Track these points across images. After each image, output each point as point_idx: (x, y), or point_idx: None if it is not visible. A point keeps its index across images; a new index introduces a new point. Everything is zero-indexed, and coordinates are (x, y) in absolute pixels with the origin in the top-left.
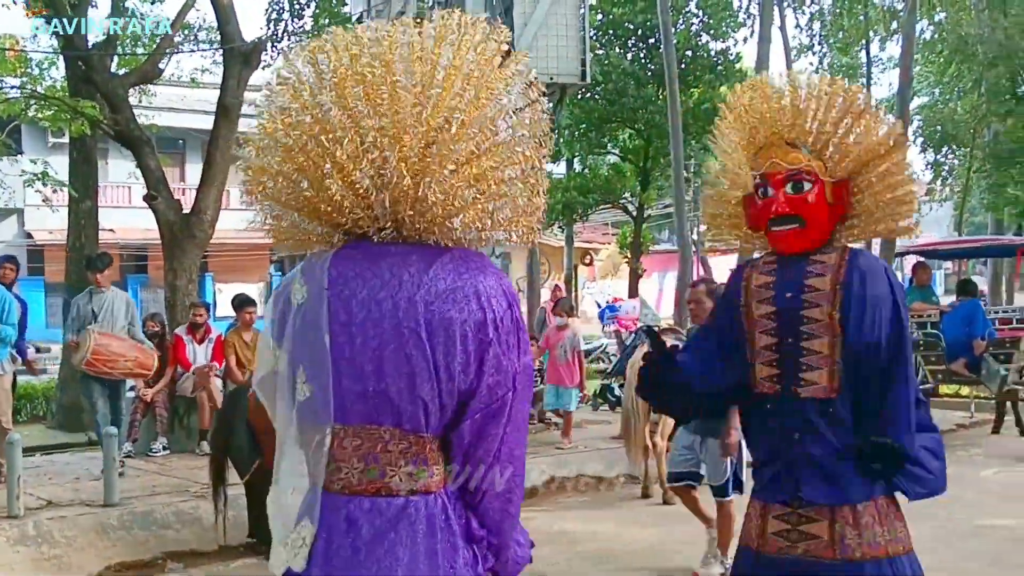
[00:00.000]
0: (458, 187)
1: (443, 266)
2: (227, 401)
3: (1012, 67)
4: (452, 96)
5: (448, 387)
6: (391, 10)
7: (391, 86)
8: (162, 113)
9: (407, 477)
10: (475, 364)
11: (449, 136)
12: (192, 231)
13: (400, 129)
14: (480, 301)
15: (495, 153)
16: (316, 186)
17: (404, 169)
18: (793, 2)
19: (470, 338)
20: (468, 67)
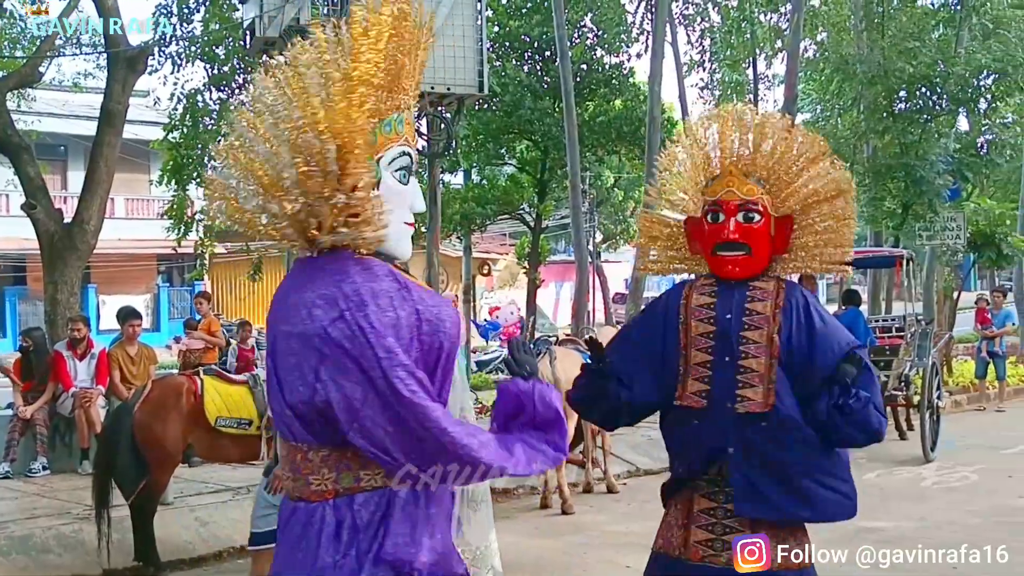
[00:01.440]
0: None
1: (307, 276)
2: (111, 419)
3: (889, 86)
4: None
5: (307, 397)
6: (285, 17)
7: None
8: (43, 118)
9: (292, 483)
10: (312, 377)
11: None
12: (74, 242)
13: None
14: (311, 311)
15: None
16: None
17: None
18: (684, 19)
19: (317, 352)
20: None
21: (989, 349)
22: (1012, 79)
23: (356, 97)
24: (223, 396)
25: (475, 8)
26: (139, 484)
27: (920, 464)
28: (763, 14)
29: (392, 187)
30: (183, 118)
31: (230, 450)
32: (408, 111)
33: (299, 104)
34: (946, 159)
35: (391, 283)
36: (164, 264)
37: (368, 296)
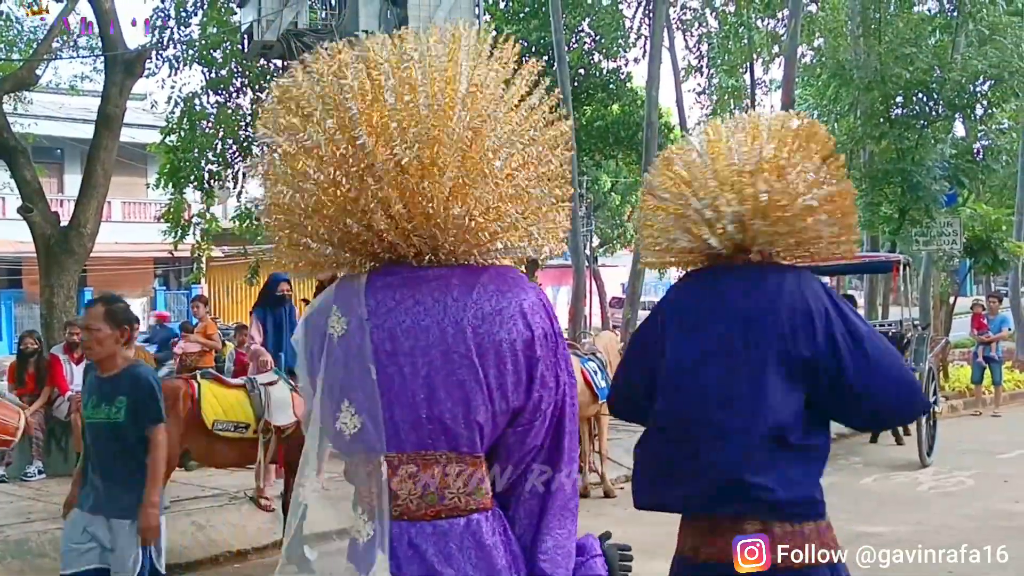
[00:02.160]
0: (500, 207)
1: (484, 287)
2: None
3: (885, 92)
4: (477, 115)
5: (502, 407)
6: (282, 21)
7: (415, 111)
8: (39, 121)
9: (466, 497)
10: (526, 382)
11: (485, 154)
12: (71, 246)
13: (435, 154)
14: (526, 319)
15: (527, 168)
16: (360, 221)
17: (441, 195)
18: (682, 25)
19: (520, 357)
20: (489, 83)
21: (985, 354)
22: (1008, 85)
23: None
24: (220, 400)
25: (473, 13)
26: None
27: (916, 469)
28: (760, 20)
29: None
30: (180, 121)
31: (227, 454)
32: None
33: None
34: (942, 165)
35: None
36: (161, 267)
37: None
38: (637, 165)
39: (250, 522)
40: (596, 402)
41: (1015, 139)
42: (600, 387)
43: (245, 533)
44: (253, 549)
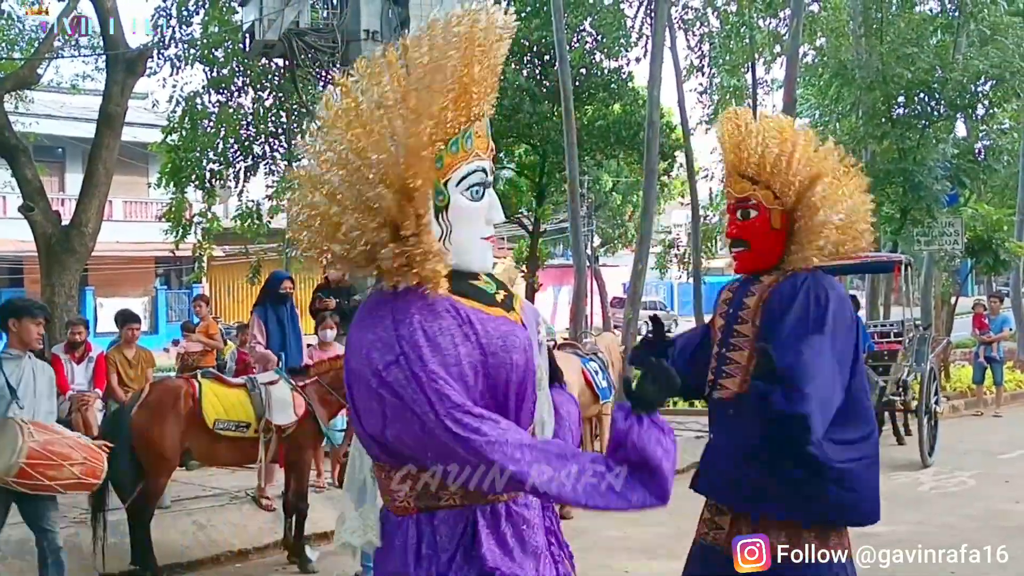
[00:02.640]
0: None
1: (369, 314)
2: (109, 422)
3: (887, 91)
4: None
5: (362, 431)
6: (284, 20)
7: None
8: (40, 120)
9: (391, 503)
10: (377, 410)
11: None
12: (72, 245)
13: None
14: (367, 352)
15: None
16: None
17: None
18: (683, 24)
19: (365, 388)
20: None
21: (987, 354)
22: (1009, 85)
23: (418, 135)
24: (221, 399)
25: None
26: (135, 488)
27: (918, 469)
28: (762, 19)
29: (464, 207)
30: (182, 121)
31: (228, 453)
32: (479, 121)
33: (359, 145)
34: (944, 165)
35: (451, 320)
36: (162, 267)
37: (423, 339)
38: (638, 165)
39: (251, 522)
40: (597, 402)
41: (1016, 139)
42: (601, 387)
43: (246, 532)
44: (254, 549)
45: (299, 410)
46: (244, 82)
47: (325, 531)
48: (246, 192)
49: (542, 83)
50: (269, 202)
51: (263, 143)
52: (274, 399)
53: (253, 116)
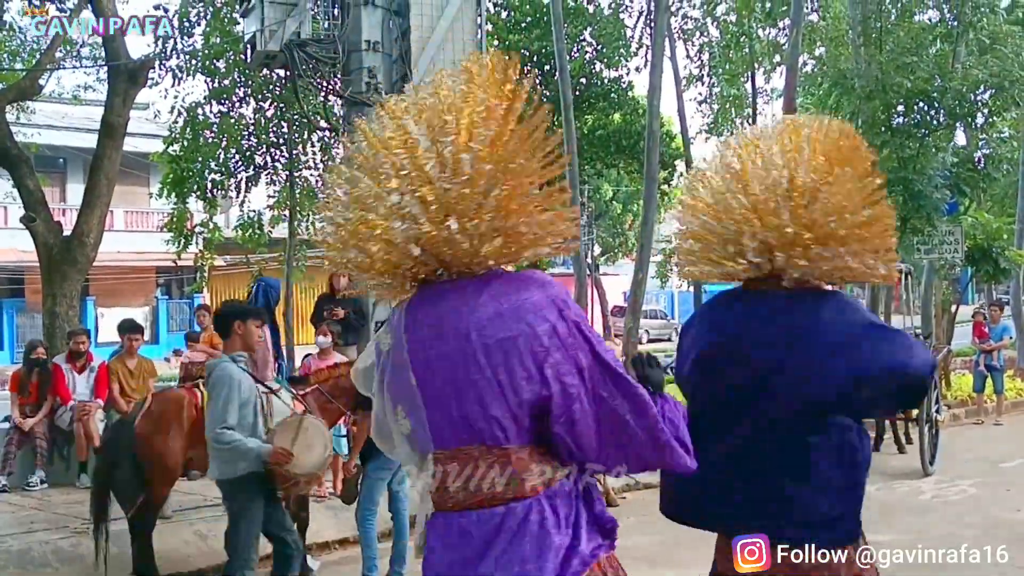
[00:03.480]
0: (479, 223)
1: (490, 293)
2: (111, 432)
3: (886, 101)
4: (462, 148)
5: (516, 401)
6: (285, 31)
7: (410, 149)
8: (42, 131)
9: (504, 487)
10: (538, 375)
11: (463, 179)
12: (73, 255)
13: (420, 184)
14: (527, 318)
15: (511, 184)
16: (362, 248)
17: (426, 218)
18: (683, 34)
19: (526, 352)
20: (475, 118)
21: (987, 363)
22: (1008, 94)
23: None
24: None
25: (475, 23)
26: (137, 498)
27: (919, 478)
28: (762, 29)
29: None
30: (183, 131)
31: None
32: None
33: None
34: (944, 173)
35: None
36: (163, 277)
37: (569, 298)
38: (639, 174)
39: None
40: None
41: (1016, 148)
42: None
43: None
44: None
45: None
46: (245, 93)
47: (327, 541)
48: (247, 202)
49: (542, 93)
50: (270, 212)
51: (264, 153)
52: (275, 408)
53: (254, 126)
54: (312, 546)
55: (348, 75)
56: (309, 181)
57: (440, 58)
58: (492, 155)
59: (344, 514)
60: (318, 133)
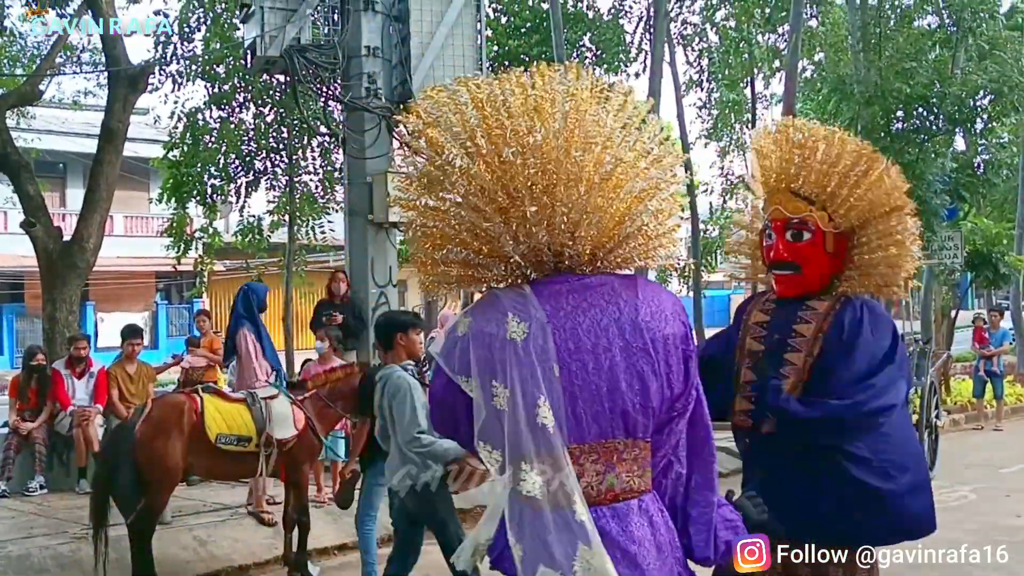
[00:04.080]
0: (614, 224)
1: (643, 290)
2: (111, 438)
3: (886, 106)
4: (603, 150)
5: (669, 394)
6: (285, 36)
7: (555, 150)
8: (42, 136)
9: (638, 480)
10: (684, 371)
11: (604, 182)
12: (73, 260)
13: (559, 183)
14: (680, 317)
15: (640, 188)
16: (516, 239)
17: (567, 216)
18: (682, 40)
19: (679, 349)
20: (610, 121)
21: (987, 368)
22: (1008, 99)
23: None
24: (223, 414)
25: (475, 29)
26: (137, 504)
27: None
28: (761, 34)
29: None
30: (183, 136)
31: (230, 468)
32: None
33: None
34: (943, 179)
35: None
36: (163, 282)
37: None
38: None
39: (252, 537)
40: None
41: (1015, 153)
42: None
43: (247, 548)
44: (254, 564)
45: (299, 424)
46: (245, 98)
47: (327, 546)
48: (247, 207)
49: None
50: (270, 217)
51: (264, 158)
52: (274, 413)
53: (254, 132)
54: (312, 552)
55: (348, 80)
56: (309, 186)
57: (440, 64)
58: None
59: (344, 519)
60: (318, 138)
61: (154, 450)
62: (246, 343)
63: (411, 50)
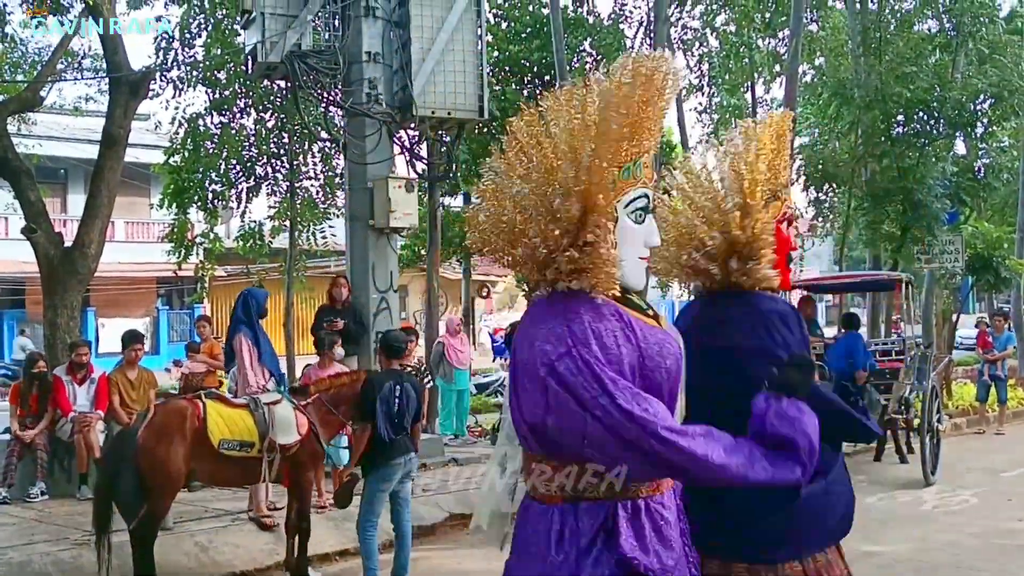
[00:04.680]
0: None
1: (532, 315)
2: (113, 443)
3: (886, 110)
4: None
5: (519, 418)
6: (286, 42)
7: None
8: (43, 142)
9: (545, 486)
10: (541, 400)
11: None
12: (74, 266)
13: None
14: (541, 343)
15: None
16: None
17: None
18: (682, 44)
19: (538, 377)
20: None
21: (991, 372)
22: (1008, 103)
23: (602, 157)
24: (225, 419)
25: (475, 34)
26: (140, 509)
27: (921, 487)
28: (761, 39)
29: (628, 227)
30: (184, 142)
31: (232, 473)
32: (648, 153)
33: (549, 163)
34: (944, 183)
35: (615, 322)
36: (164, 287)
37: (591, 335)
38: None
39: (253, 542)
40: None
41: (1016, 157)
42: None
43: (248, 554)
44: (256, 570)
45: (301, 429)
46: (246, 104)
47: (328, 552)
48: (248, 213)
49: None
50: (271, 222)
51: (265, 164)
52: (277, 418)
53: (255, 137)
54: (313, 557)
55: (349, 86)
56: (309, 192)
57: (440, 69)
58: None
59: (345, 525)
60: (319, 144)
61: (156, 456)
62: (242, 348)
63: (412, 55)
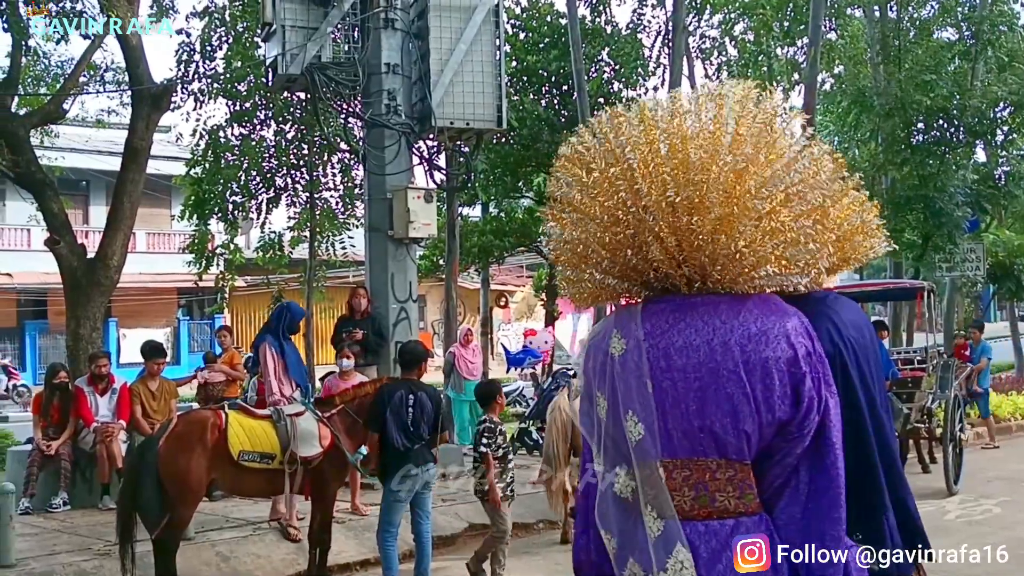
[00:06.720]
0: (762, 240)
1: (749, 311)
2: (136, 454)
3: (906, 118)
4: (741, 159)
5: (768, 419)
6: (306, 55)
7: (684, 159)
8: (65, 154)
9: (735, 501)
10: (791, 396)
11: (747, 194)
12: (97, 277)
13: (703, 195)
14: (789, 340)
15: (788, 204)
16: (637, 253)
17: (707, 229)
18: (701, 53)
19: (785, 374)
20: (752, 131)
21: (969, 388)
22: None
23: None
24: (247, 430)
25: (493, 44)
26: (163, 519)
27: (943, 497)
28: (780, 47)
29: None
30: (205, 154)
31: (254, 484)
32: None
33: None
34: (964, 191)
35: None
36: (185, 298)
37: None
38: None
39: (275, 552)
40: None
41: None
42: None
43: (270, 564)
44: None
45: (324, 441)
46: (266, 115)
47: (348, 562)
48: (268, 224)
49: (560, 113)
50: (291, 233)
51: (285, 175)
52: (300, 430)
53: (275, 149)
54: (334, 567)
55: (368, 97)
56: (329, 202)
57: (459, 80)
58: (770, 176)
59: (366, 535)
60: (338, 155)
61: (178, 466)
62: (266, 357)
63: (430, 67)
